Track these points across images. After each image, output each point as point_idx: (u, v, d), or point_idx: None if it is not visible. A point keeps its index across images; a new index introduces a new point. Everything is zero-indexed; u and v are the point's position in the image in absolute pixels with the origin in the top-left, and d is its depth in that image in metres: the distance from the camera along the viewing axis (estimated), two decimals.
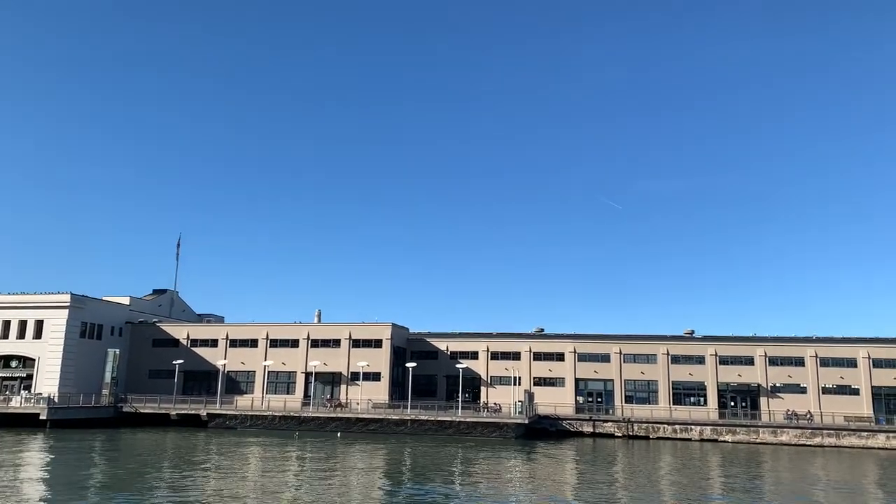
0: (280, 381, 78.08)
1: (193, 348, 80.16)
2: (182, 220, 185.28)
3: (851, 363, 73.44)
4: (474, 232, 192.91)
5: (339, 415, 66.46)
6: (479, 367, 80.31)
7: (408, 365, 71.76)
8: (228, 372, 78.07)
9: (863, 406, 71.53)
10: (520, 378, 76.16)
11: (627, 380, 77.68)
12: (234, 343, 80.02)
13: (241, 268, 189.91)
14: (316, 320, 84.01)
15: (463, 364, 75.34)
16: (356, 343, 77.14)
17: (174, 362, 75.31)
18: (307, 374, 76.24)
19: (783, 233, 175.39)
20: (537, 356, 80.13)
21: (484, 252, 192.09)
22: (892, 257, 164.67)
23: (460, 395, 71.91)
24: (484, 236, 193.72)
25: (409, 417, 64.62)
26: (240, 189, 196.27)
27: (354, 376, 74.80)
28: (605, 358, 78.68)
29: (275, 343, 79.18)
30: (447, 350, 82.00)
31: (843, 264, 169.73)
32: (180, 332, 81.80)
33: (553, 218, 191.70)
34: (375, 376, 74.95)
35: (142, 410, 69.41)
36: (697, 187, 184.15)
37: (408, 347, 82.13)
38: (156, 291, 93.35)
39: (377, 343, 76.47)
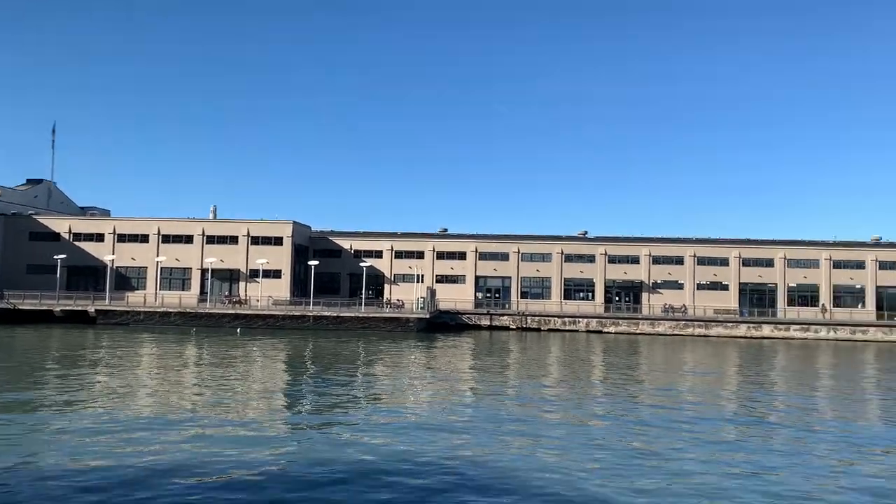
0: (174, 278, 75.91)
1: (77, 243, 75.80)
2: (59, 106, 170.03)
3: (724, 262, 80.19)
4: (381, 131, 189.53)
5: (239, 311, 65.94)
6: (382, 265, 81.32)
7: (310, 263, 71.48)
8: (117, 268, 74.77)
9: (730, 300, 78.89)
10: (423, 276, 77.90)
11: (524, 277, 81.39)
12: (122, 238, 76.32)
13: (128, 161, 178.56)
14: (211, 216, 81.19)
15: (367, 262, 75.96)
16: (255, 240, 75.64)
17: (55, 257, 71.06)
18: (203, 271, 74.44)
19: (674, 137, 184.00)
20: (440, 255, 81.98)
21: (391, 152, 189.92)
22: (768, 164, 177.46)
23: (363, 292, 72.86)
24: (392, 136, 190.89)
25: (311, 314, 65.09)
26: (125, 75, 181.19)
27: (254, 273, 73.81)
28: (504, 257, 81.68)
29: (167, 239, 76.25)
30: (351, 249, 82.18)
31: (724, 169, 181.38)
32: (61, 225, 76.85)
33: (455, 121, 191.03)
34: (276, 274, 74.30)
35: (21, 307, 65.63)
36: (590, 93, 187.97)
37: (310, 245, 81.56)
38: (29, 181, 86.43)
39: (277, 241, 75.34)
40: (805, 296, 79.28)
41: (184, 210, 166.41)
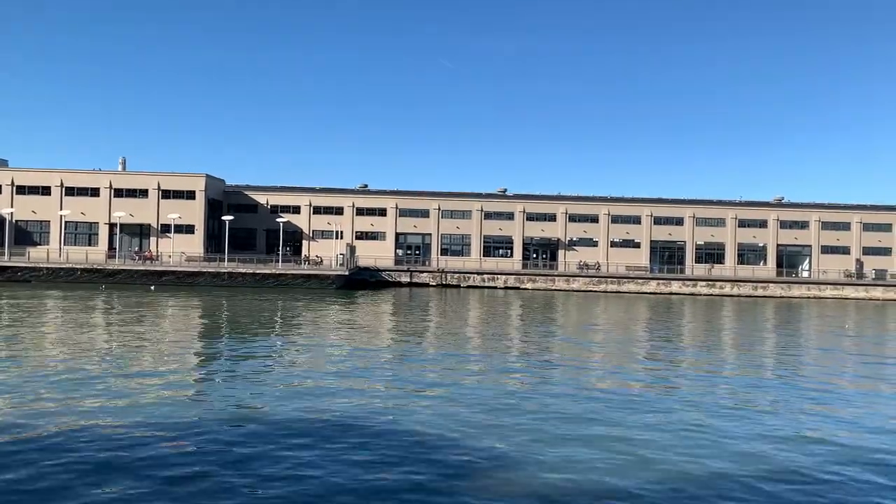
0: (80, 233, 72.23)
1: None
2: None
3: (636, 220, 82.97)
4: (303, 84, 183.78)
5: (150, 268, 63.53)
6: (301, 221, 79.86)
7: (224, 218, 69.34)
8: (17, 222, 70.40)
9: (642, 257, 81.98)
10: (342, 232, 77.04)
11: (444, 234, 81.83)
12: (21, 190, 71.73)
13: (30, 108, 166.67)
14: (120, 168, 77.19)
15: (284, 218, 74.39)
16: (166, 194, 72.63)
17: None
18: (111, 226, 71.09)
19: (595, 97, 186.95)
20: (360, 211, 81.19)
21: (310, 107, 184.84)
22: (683, 128, 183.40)
23: (281, 248, 71.53)
24: (313, 89, 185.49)
25: (226, 270, 63.44)
26: (27, 11, 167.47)
27: (165, 228, 71.04)
28: (424, 213, 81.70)
29: (71, 191, 72.18)
30: (267, 204, 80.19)
31: (641, 129, 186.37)
32: None
33: (381, 72, 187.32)
34: (189, 229, 71.76)
35: None
36: (527, 48, 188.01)
37: (225, 200, 79.05)
38: None
39: (190, 195, 72.58)
40: (712, 253, 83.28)
41: (91, 163, 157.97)
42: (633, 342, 33.98)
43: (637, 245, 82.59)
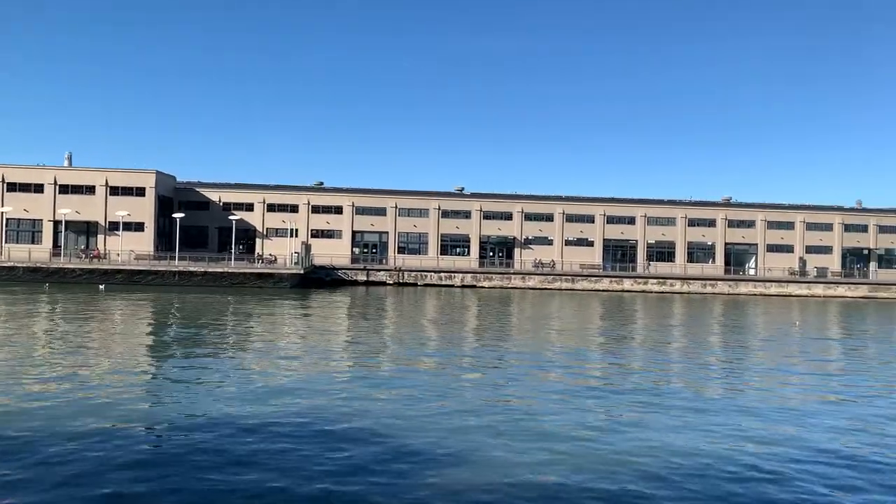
0: (23, 230, 69.73)
1: None
2: None
3: (590, 219, 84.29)
4: (257, 81, 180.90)
5: (97, 266, 61.69)
6: (254, 218, 78.71)
7: (175, 215, 67.79)
8: None
9: (595, 256, 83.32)
10: (297, 230, 76.17)
11: (401, 232, 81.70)
12: None
13: None
14: (66, 164, 74.72)
15: (237, 215, 73.21)
16: (115, 191, 70.65)
17: None
18: (56, 223, 68.82)
19: (552, 98, 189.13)
20: (316, 209, 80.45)
21: (265, 105, 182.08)
22: (631, 125, 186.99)
23: (234, 246, 70.29)
24: (268, 87, 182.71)
25: (176, 269, 62.05)
26: None
27: (114, 226, 69.10)
28: (381, 212, 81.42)
29: (13, 187, 69.60)
30: (220, 201, 78.77)
31: (595, 131, 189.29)
32: None
33: (338, 69, 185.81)
34: (138, 226, 69.98)
35: None
36: (473, 50, 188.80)
37: (175, 197, 77.34)
38: None
39: (139, 191, 70.75)
40: (662, 251, 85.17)
41: (34, 157, 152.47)
42: (587, 339, 34.53)
43: (591, 244, 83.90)
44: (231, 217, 71.78)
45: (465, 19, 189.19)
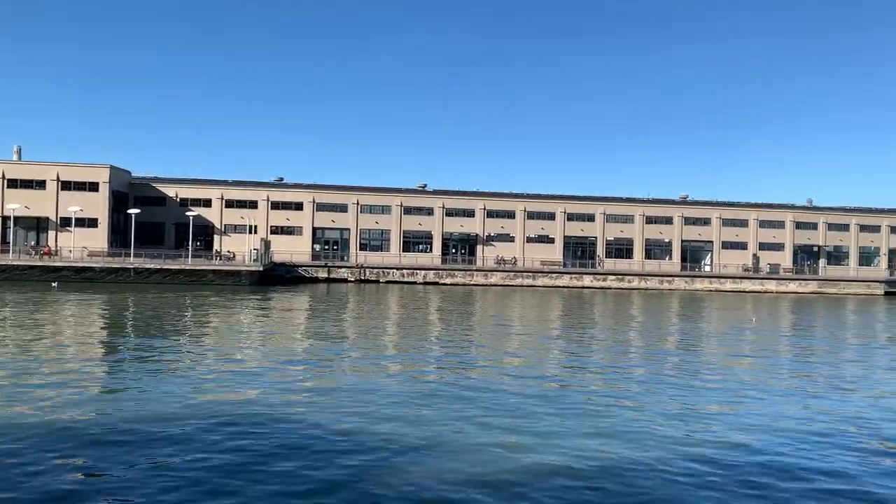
0: None
1: None
2: None
3: (551, 217, 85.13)
4: (218, 76, 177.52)
5: (48, 263, 59.85)
6: (212, 215, 77.33)
7: (130, 211, 66.18)
8: None
9: (556, 252, 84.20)
10: (256, 227, 75.11)
11: (363, 229, 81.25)
12: None
13: None
14: (15, 157, 72.22)
15: (194, 211, 71.79)
16: (67, 185, 68.61)
17: None
18: (5, 219, 66.48)
19: (514, 95, 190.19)
20: (275, 205, 79.43)
21: (223, 100, 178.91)
22: (593, 126, 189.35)
23: (191, 243, 68.97)
24: (228, 81, 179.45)
25: (132, 266, 60.61)
26: None
27: (66, 222, 67.08)
28: (342, 208, 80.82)
29: None
30: (177, 197, 77.17)
31: (550, 128, 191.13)
32: None
33: (296, 64, 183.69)
34: (92, 222, 68.10)
35: None
36: (433, 46, 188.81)
37: (131, 192, 75.53)
38: None
39: (93, 186, 68.84)
40: (621, 248, 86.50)
41: None
42: (548, 336, 34.87)
43: (551, 241, 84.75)
44: (188, 213, 70.37)
45: (425, 15, 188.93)
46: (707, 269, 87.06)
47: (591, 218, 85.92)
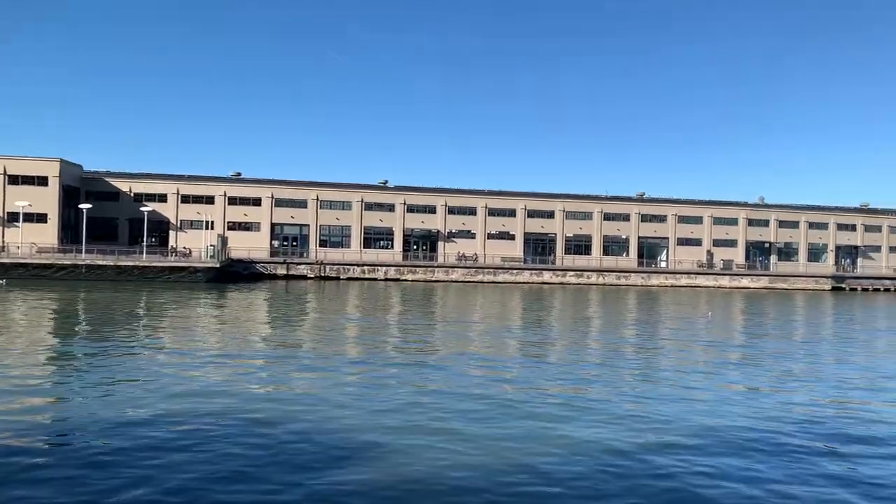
0: None
1: None
2: None
3: (512, 213, 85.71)
4: (172, 68, 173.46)
5: None
6: (167, 210, 75.64)
7: (82, 206, 64.32)
8: None
9: (516, 249, 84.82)
10: (213, 222, 73.75)
11: (323, 225, 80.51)
12: None
13: None
14: None
15: (149, 207, 70.16)
16: (14, 179, 66.31)
17: None
18: None
19: (479, 96, 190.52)
20: (233, 201, 78.13)
21: (180, 90, 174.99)
22: (551, 121, 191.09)
23: (145, 239, 67.36)
24: (182, 74, 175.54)
25: (83, 262, 58.98)
26: None
27: (13, 217, 64.89)
28: (302, 204, 79.94)
29: None
30: (130, 192, 75.26)
31: (508, 124, 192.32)
32: None
33: (260, 57, 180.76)
34: (41, 218, 65.98)
35: None
36: (417, 43, 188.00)
37: (82, 187, 73.35)
38: None
39: (42, 180, 66.65)
40: (580, 245, 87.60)
41: None
42: (508, 332, 35.10)
43: (512, 237, 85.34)
44: (143, 208, 68.73)
45: (370, 11, 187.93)
46: (663, 265, 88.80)
47: (550, 215, 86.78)
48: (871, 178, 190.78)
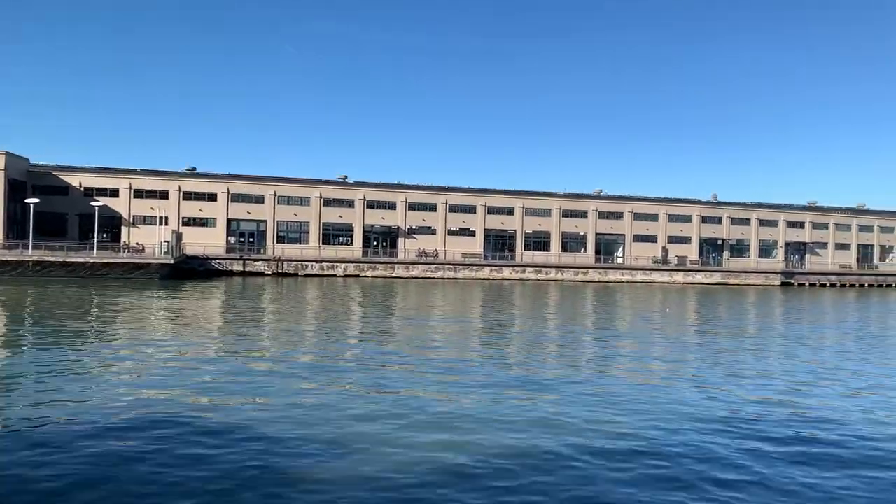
0: None
1: None
2: None
3: (472, 210, 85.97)
4: (124, 58, 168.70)
5: None
6: (119, 205, 73.69)
7: (28, 200, 62.14)
8: None
9: (476, 245, 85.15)
10: (167, 218, 72.08)
11: (281, 221, 79.48)
12: None
13: None
14: None
15: (100, 201, 68.18)
16: None
17: None
18: None
19: (436, 93, 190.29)
20: (188, 196, 76.50)
21: (142, 83, 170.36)
22: (511, 117, 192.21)
23: (96, 235, 65.47)
24: (135, 64, 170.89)
25: (30, 259, 57.04)
26: None
27: None
28: (259, 199, 78.76)
29: None
30: (81, 186, 73.07)
31: (472, 121, 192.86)
32: None
33: (216, 51, 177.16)
34: None
35: None
36: (359, 38, 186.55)
37: (29, 181, 70.91)
38: None
39: None
40: (539, 241, 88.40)
41: None
42: (468, 329, 35.19)
43: (472, 233, 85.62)
44: (94, 203, 66.77)
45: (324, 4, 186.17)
46: (619, 261, 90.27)
47: (510, 211, 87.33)
48: (819, 178, 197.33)
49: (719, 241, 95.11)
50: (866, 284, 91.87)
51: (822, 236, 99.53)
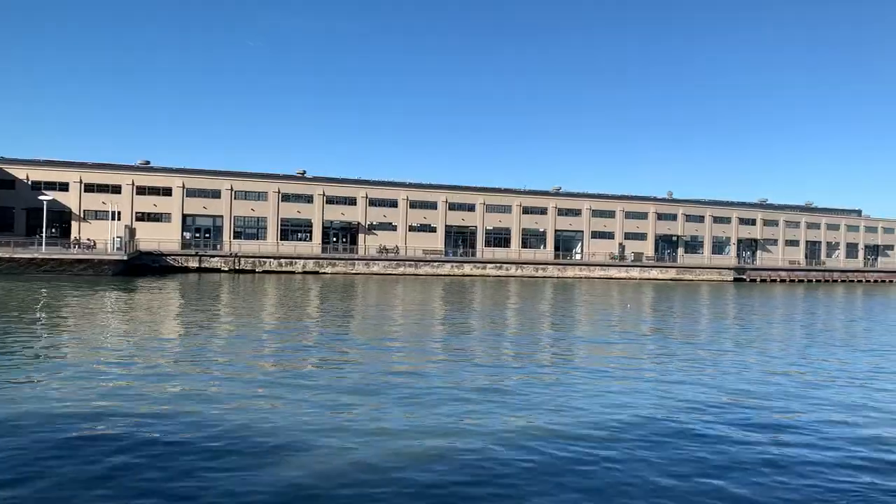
0: None
1: None
2: None
3: (433, 206, 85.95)
4: (80, 54, 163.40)
5: None
6: (70, 199, 71.48)
7: None
8: None
9: (438, 241, 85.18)
10: (120, 213, 70.21)
11: (237, 216, 78.18)
12: None
13: None
14: None
15: (49, 195, 65.96)
16: None
17: None
18: None
19: (400, 81, 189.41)
20: (141, 190, 74.65)
21: (92, 79, 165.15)
22: (472, 114, 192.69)
23: (45, 230, 63.35)
24: (94, 60, 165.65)
25: None
26: None
27: None
28: (215, 194, 77.32)
29: None
30: (28, 179, 70.63)
31: (431, 117, 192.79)
32: None
33: (170, 45, 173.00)
34: None
35: None
36: (331, 28, 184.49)
37: None
38: None
39: None
40: (500, 237, 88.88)
41: None
42: (428, 325, 35.16)
43: (433, 230, 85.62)
44: (42, 197, 64.53)
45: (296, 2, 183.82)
46: (578, 257, 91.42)
47: (471, 208, 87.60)
48: (769, 176, 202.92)
49: (674, 238, 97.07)
50: (814, 280, 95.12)
51: (772, 233, 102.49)
